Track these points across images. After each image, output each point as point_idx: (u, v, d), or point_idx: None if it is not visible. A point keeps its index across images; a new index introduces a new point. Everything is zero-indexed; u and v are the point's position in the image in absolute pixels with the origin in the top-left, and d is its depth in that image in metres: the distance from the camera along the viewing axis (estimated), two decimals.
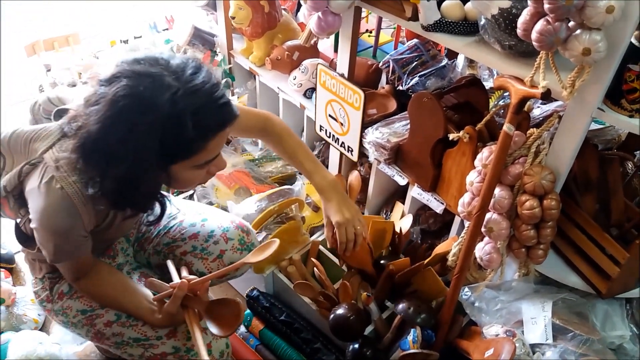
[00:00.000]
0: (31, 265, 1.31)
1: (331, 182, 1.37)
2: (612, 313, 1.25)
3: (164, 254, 1.41)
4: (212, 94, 0.97)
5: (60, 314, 1.29)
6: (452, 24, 1.22)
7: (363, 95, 1.51)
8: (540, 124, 1.21)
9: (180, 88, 0.94)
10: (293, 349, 1.52)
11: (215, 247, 1.38)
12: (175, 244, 1.40)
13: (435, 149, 1.44)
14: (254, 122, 1.40)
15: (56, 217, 1.04)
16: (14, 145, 1.12)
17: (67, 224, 1.05)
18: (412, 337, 1.29)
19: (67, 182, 1.03)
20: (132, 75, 0.94)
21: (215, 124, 1.00)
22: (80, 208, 1.04)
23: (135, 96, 0.93)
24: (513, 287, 1.29)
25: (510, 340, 1.17)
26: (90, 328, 1.28)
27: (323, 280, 1.50)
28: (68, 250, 1.11)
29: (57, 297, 1.28)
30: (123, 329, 1.26)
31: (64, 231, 1.06)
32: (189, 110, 0.94)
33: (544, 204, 1.15)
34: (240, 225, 1.42)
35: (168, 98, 0.92)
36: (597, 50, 0.91)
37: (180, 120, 0.94)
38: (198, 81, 0.96)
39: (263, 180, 1.98)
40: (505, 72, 1.14)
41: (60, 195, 1.03)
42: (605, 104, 1.04)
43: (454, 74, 1.73)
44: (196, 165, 1.05)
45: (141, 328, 1.26)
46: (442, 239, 1.68)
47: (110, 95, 0.93)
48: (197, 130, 0.96)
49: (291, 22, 2.00)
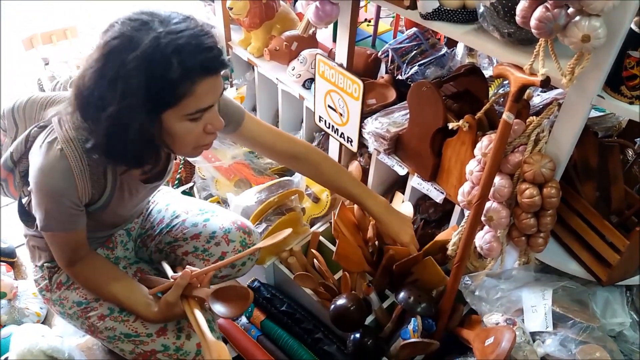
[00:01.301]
0: (31, 252, 1.32)
1: (384, 203, 1.41)
2: (612, 300, 1.25)
3: (166, 252, 1.41)
4: (197, 37, 0.97)
5: (58, 304, 1.30)
6: (451, 12, 1.21)
7: (362, 85, 1.50)
8: (540, 112, 1.21)
9: (165, 30, 0.95)
10: (294, 339, 1.52)
11: (217, 249, 1.37)
12: (177, 244, 1.40)
13: (435, 138, 1.44)
14: (286, 145, 1.39)
15: (51, 177, 1.05)
16: (29, 111, 1.15)
17: (61, 187, 1.06)
18: (412, 326, 1.29)
19: (67, 142, 1.04)
20: (123, 21, 0.97)
21: (199, 65, 0.97)
22: (76, 173, 1.05)
23: (123, 37, 0.95)
24: (513, 275, 1.30)
25: (510, 329, 1.17)
26: (84, 320, 1.29)
27: (323, 271, 1.51)
28: (59, 219, 1.10)
29: (56, 287, 1.29)
30: (115, 324, 1.26)
31: (57, 194, 1.06)
32: (172, 48, 0.94)
33: (544, 192, 1.15)
34: (241, 226, 1.41)
35: (152, 37, 0.94)
36: (596, 37, 0.90)
37: (164, 58, 0.93)
38: (183, 25, 0.97)
39: (263, 171, 1.98)
40: (504, 60, 1.14)
41: (59, 156, 1.04)
42: (605, 91, 1.04)
43: (454, 63, 1.72)
44: (188, 116, 1.01)
45: (132, 324, 1.26)
46: (443, 229, 1.68)
47: (102, 41, 0.96)
48: (182, 71, 0.95)
49: (289, 12, 1.99)
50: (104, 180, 1.12)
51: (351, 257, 1.45)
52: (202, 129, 1.06)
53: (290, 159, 1.41)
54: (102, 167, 1.11)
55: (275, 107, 2.13)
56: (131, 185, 1.19)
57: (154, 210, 1.47)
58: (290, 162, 1.43)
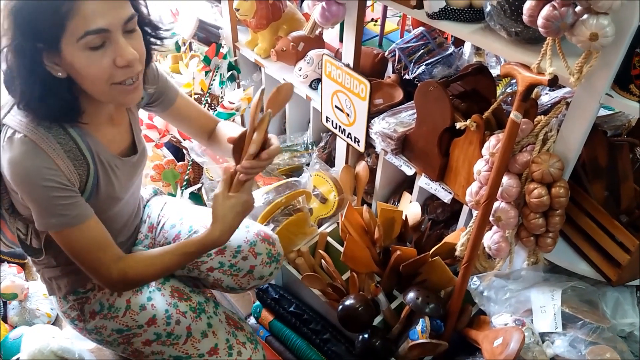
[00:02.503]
0: (49, 285, 1.28)
1: None
2: (622, 301, 1.24)
3: (188, 268, 1.39)
4: None
5: (94, 332, 1.27)
6: (458, 11, 1.20)
7: (369, 85, 1.50)
8: (549, 111, 1.20)
9: None
10: (303, 340, 1.53)
11: (245, 263, 1.36)
12: (200, 260, 1.36)
13: (442, 138, 1.43)
14: (209, 123, 1.38)
15: (25, 162, 0.98)
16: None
17: (39, 166, 0.99)
18: (421, 327, 1.29)
19: (26, 128, 0.99)
20: None
21: None
22: (49, 152, 1.00)
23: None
24: (522, 275, 1.29)
25: (519, 329, 1.17)
26: (127, 346, 1.28)
27: (331, 272, 1.51)
28: (55, 211, 1.02)
29: (89, 317, 1.26)
30: (163, 348, 1.26)
31: (39, 177, 0.99)
32: None
33: (553, 192, 1.14)
34: (265, 237, 1.40)
35: None
36: (604, 35, 0.90)
37: None
38: None
39: (270, 172, 1.98)
40: (511, 59, 1.13)
41: (24, 141, 0.99)
42: (614, 90, 1.03)
43: (461, 62, 1.71)
44: (83, 43, 0.92)
45: (182, 347, 1.27)
46: (451, 229, 1.68)
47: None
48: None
49: (296, 13, 1.99)
50: (82, 156, 1.06)
51: (359, 258, 1.45)
52: (112, 62, 0.97)
53: (210, 136, 1.40)
54: (72, 142, 1.05)
55: (282, 108, 2.13)
56: (109, 160, 1.13)
57: (166, 224, 1.44)
58: (205, 139, 1.41)
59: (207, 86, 2.04)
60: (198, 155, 1.88)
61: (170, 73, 2.35)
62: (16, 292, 1.77)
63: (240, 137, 1.13)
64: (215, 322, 1.34)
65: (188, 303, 1.33)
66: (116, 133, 1.18)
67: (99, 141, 1.11)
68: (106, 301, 1.26)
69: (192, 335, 1.29)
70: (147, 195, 1.53)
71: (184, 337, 1.28)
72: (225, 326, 1.35)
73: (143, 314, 1.27)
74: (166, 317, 1.28)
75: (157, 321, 1.27)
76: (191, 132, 1.43)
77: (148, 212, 1.48)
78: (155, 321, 1.27)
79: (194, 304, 1.34)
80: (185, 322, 1.29)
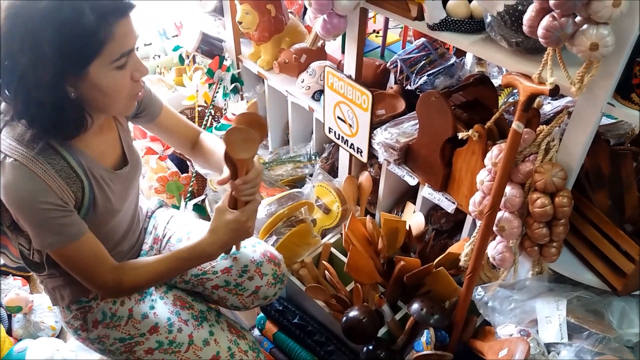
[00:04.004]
0: (52, 295, 1.28)
1: None
2: (628, 310, 1.23)
3: (193, 284, 1.39)
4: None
5: (97, 342, 1.28)
6: (458, 22, 1.21)
7: (371, 96, 1.51)
8: (551, 120, 1.20)
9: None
10: (307, 351, 1.52)
11: (251, 283, 1.36)
12: (206, 277, 1.37)
13: (445, 148, 1.43)
14: (191, 134, 1.39)
15: (19, 187, 0.99)
16: None
17: (33, 190, 1.00)
18: (425, 338, 1.28)
19: (14, 151, 0.99)
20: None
21: (113, 6, 0.94)
22: (40, 174, 1.00)
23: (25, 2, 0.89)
24: (527, 286, 1.28)
25: (524, 340, 1.16)
26: (130, 355, 1.28)
27: (335, 283, 1.50)
28: (52, 230, 1.03)
29: (92, 326, 1.26)
30: (165, 356, 1.26)
31: (34, 200, 1.00)
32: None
33: (556, 202, 1.14)
34: (271, 257, 1.40)
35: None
36: (604, 45, 0.90)
37: (73, 7, 0.89)
38: None
39: (273, 183, 1.99)
40: (512, 69, 1.13)
41: (14, 165, 0.99)
42: (615, 99, 1.03)
43: (463, 72, 1.72)
44: (115, 64, 0.98)
45: (184, 354, 1.27)
46: (455, 239, 1.67)
47: (3, 7, 0.90)
48: (96, 15, 0.91)
49: (298, 25, 2.01)
50: (74, 174, 1.07)
51: (363, 269, 1.45)
52: (130, 77, 1.04)
53: (193, 146, 1.41)
54: (63, 161, 1.05)
55: (285, 119, 2.14)
56: (102, 174, 1.14)
57: (172, 238, 1.43)
58: (189, 149, 1.42)
59: (211, 98, 2.06)
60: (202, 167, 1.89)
61: (175, 85, 2.37)
62: (21, 305, 1.77)
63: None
64: (217, 330, 1.34)
65: (190, 311, 1.34)
66: (105, 145, 1.18)
67: (89, 156, 1.11)
68: (109, 310, 1.27)
69: (193, 343, 1.29)
70: (153, 206, 1.53)
71: (186, 345, 1.28)
72: (227, 334, 1.35)
73: (145, 322, 1.27)
74: (168, 325, 1.28)
75: (160, 329, 1.27)
76: (175, 143, 1.44)
77: (154, 224, 1.48)
78: (157, 329, 1.27)
79: (196, 312, 1.34)
80: (187, 330, 1.29)
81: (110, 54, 0.96)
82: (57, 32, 0.89)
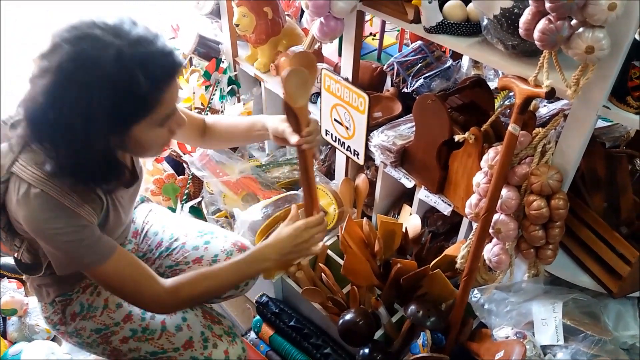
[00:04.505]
0: (37, 292, 1.28)
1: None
2: (624, 313, 1.23)
3: (167, 275, 1.41)
4: (156, 44, 0.95)
5: (75, 335, 1.28)
6: (455, 25, 1.22)
7: (368, 99, 1.51)
8: (547, 123, 1.20)
9: (122, 43, 0.91)
10: (303, 354, 1.52)
11: None
12: (179, 267, 1.40)
13: (441, 150, 1.43)
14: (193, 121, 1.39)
15: (50, 220, 1.00)
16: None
17: (58, 217, 1.00)
18: (422, 340, 1.28)
19: (40, 182, 0.99)
20: (72, 40, 0.90)
21: (165, 72, 0.96)
22: (69, 204, 1.00)
23: (80, 59, 0.89)
24: (523, 288, 1.28)
25: (520, 342, 1.16)
26: (106, 346, 1.28)
27: (331, 285, 1.50)
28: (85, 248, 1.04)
29: (70, 319, 1.27)
30: (139, 344, 1.26)
31: (61, 228, 1.00)
32: (137, 63, 0.91)
33: (552, 204, 1.14)
34: (242, 247, 1.42)
35: (113, 54, 0.89)
36: (600, 48, 0.90)
37: (129, 74, 0.91)
38: (138, 34, 0.94)
39: (270, 185, 1.99)
40: (508, 72, 1.14)
41: (42, 197, 0.99)
42: (611, 102, 1.03)
43: (459, 75, 1.73)
44: (158, 123, 1.02)
45: (157, 341, 1.27)
46: (451, 241, 1.68)
47: (55, 63, 0.89)
48: (149, 82, 0.93)
49: (295, 28, 2.01)
50: (96, 196, 1.08)
51: (359, 271, 1.44)
52: (168, 130, 1.07)
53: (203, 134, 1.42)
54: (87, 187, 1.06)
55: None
56: (117, 193, 1.16)
57: (149, 232, 1.47)
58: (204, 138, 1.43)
59: (208, 101, 2.06)
60: (198, 169, 1.89)
61: None
62: (15, 307, 1.76)
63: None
64: (190, 316, 1.34)
65: None
66: None
67: None
68: (86, 301, 1.27)
69: (166, 330, 1.29)
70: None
71: (159, 331, 1.28)
72: (200, 319, 1.35)
73: (120, 311, 1.28)
74: (141, 312, 1.29)
75: (133, 317, 1.28)
76: (185, 137, 1.45)
77: (133, 218, 1.49)
78: (131, 317, 1.28)
79: None
80: (160, 317, 1.30)
81: (156, 116, 1.00)
82: (110, 96, 0.91)
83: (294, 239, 1.20)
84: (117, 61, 0.89)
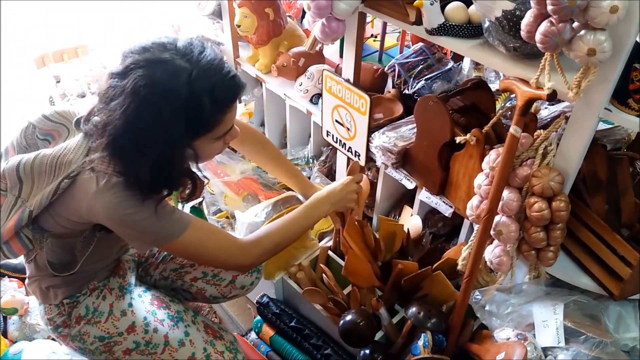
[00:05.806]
0: (44, 294, 1.27)
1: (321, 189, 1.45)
2: (625, 315, 1.23)
3: (172, 279, 1.42)
4: (222, 70, 1.03)
5: (78, 339, 1.28)
6: (456, 27, 1.22)
7: (369, 100, 1.51)
8: (548, 125, 1.20)
9: (193, 69, 0.99)
10: (304, 355, 1.52)
11: (227, 273, 1.42)
12: (184, 270, 1.42)
13: (443, 152, 1.44)
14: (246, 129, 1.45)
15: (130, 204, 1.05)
16: (38, 168, 1.08)
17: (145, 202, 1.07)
18: (422, 341, 1.28)
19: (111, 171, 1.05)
20: (145, 64, 0.97)
21: (229, 97, 1.06)
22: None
23: (155, 84, 0.96)
24: (524, 290, 1.28)
25: (521, 344, 1.16)
26: (108, 355, 1.29)
27: (332, 286, 1.50)
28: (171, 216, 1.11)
29: (75, 322, 1.27)
30: (142, 357, 1.27)
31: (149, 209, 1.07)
32: (206, 90, 0.99)
33: (553, 206, 1.14)
34: None
35: (185, 81, 0.97)
36: (602, 51, 0.90)
37: (199, 100, 0.99)
38: (207, 60, 1.01)
39: (271, 186, 1.99)
40: (510, 74, 1.14)
41: (120, 183, 1.04)
42: (612, 104, 1.03)
43: (460, 77, 1.73)
44: (216, 137, 1.10)
45: (160, 356, 1.28)
46: (452, 243, 1.68)
47: (130, 86, 0.96)
48: (215, 106, 1.02)
49: (296, 29, 2.01)
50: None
51: (360, 272, 1.45)
52: (223, 141, 1.15)
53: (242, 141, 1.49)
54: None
55: (283, 123, 2.15)
56: None
57: None
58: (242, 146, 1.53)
59: None
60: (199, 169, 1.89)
61: None
62: (16, 306, 1.76)
63: None
64: (192, 330, 1.35)
65: (166, 311, 1.35)
66: None
67: None
68: (92, 304, 1.27)
69: (169, 344, 1.30)
70: None
71: (162, 346, 1.29)
72: (203, 335, 1.36)
73: (123, 320, 1.28)
74: (144, 324, 1.29)
75: (137, 328, 1.28)
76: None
77: None
78: (134, 328, 1.28)
79: (172, 312, 1.36)
80: (163, 331, 1.30)
81: (217, 133, 1.09)
82: (182, 117, 0.99)
83: (345, 187, 1.37)
84: (189, 89, 0.98)
